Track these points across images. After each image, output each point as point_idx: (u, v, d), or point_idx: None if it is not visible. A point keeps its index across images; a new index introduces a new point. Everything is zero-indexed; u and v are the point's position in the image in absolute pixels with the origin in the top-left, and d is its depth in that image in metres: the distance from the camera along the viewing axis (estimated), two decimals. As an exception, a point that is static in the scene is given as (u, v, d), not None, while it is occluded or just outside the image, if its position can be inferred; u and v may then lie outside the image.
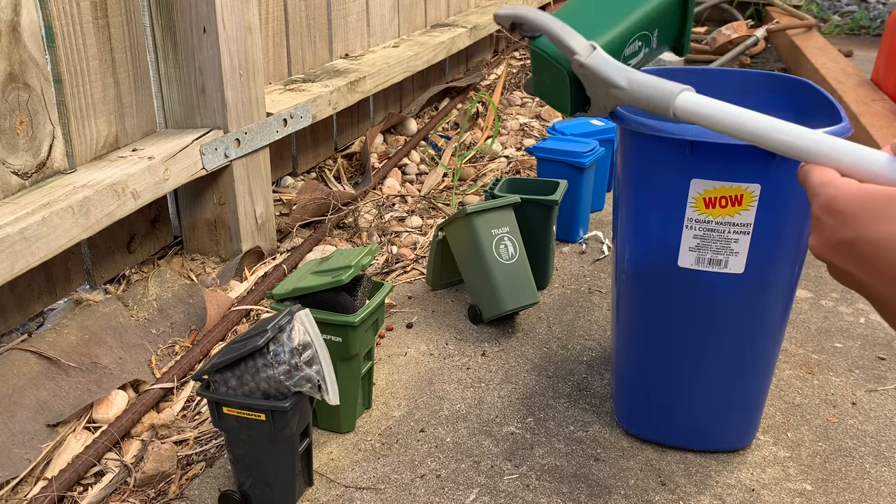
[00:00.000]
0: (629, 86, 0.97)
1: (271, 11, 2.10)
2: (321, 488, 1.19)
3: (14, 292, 1.46)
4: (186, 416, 1.36)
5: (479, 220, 1.64)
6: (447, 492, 1.19)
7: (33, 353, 1.31)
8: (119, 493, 1.18)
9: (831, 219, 0.56)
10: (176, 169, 1.57)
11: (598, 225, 2.18)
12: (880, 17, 5.53)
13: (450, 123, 3.04)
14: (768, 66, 4.21)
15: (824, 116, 1.19)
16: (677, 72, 1.43)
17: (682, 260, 1.15)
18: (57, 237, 1.30)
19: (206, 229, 1.82)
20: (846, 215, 0.55)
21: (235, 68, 1.71)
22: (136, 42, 1.61)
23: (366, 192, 2.28)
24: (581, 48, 1.01)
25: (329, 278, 1.22)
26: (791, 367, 1.52)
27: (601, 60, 1.00)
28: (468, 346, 1.58)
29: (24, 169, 1.37)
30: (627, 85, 0.97)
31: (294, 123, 1.95)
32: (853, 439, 1.31)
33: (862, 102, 2.89)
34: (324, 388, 1.05)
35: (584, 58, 1.01)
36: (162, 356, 1.48)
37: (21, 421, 1.23)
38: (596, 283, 1.84)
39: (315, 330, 1.07)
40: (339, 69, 2.36)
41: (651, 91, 0.92)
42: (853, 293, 1.81)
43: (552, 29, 1.05)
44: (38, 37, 1.36)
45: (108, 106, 1.56)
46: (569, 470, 1.24)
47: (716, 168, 1.08)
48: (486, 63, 3.97)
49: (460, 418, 1.36)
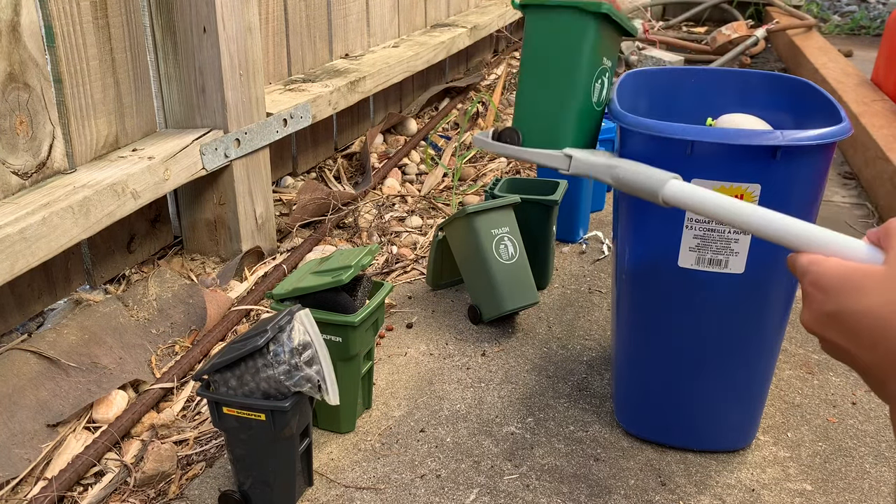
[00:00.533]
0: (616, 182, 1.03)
1: (271, 11, 2.10)
2: (321, 488, 1.19)
3: (14, 292, 1.46)
4: (186, 416, 1.36)
5: (479, 220, 1.64)
6: (447, 492, 1.19)
7: (33, 353, 1.31)
8: (119, 493, 1.18)
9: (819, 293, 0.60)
10: (176, 169, 1.57)
11: (598, 225, 2.18)
12: (880, 17, 5.53)
13: (450, 123, 3.04)
14: (768, 66, 4.21)
15: (824, 117, 1.19)
16: (677, 72, 1.43)
17: (682, 260, 1.15)
18: (57, 237, 1.30)
19: (206, 229, 1.82)
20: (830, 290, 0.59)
21: (235, 68, 1.71)
22: (136, 42, 1.61)
23: (366, 192, 2.28)
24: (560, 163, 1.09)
25: (329, 278, 1.22)
26: (791, 367, 1.52)
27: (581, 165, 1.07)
28: (468, 346, 1.58)
29: (24, 169, 1.37)
30: (614, 182, 1.04)
31: (294, 123, 1.95)
32: (853, 439, 1.31)
33: (862, 102, 2.89)
34: (324, 388, 1.05)
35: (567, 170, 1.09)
36: (162, 356, 1.48)
37: (21, 421, 1.23)
38: (596, 283, 1.84)
39: (315, 330, 1.07)
40: (339, 69, 2.36)
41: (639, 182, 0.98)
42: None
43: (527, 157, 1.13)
44: (38, 37, 1.36)
45: (108, 106, 1.56)
46: (569, 470, 1.24)
47: (716, 168, 1.08)
48: (486, 63, 3.97)
49: (460, 418, 1.36)
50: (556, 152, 1.08)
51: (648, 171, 0.98)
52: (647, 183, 0.97)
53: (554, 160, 1.08)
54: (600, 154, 1.07)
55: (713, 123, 1.36)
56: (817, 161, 1.07)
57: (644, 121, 1.09)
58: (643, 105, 1.41)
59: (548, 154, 1.08)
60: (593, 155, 1.06)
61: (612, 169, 1.03)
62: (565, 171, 1.08)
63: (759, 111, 1.38)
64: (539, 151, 1.10)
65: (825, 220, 2.24)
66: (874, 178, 2.39)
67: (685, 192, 0.91)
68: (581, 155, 1.07)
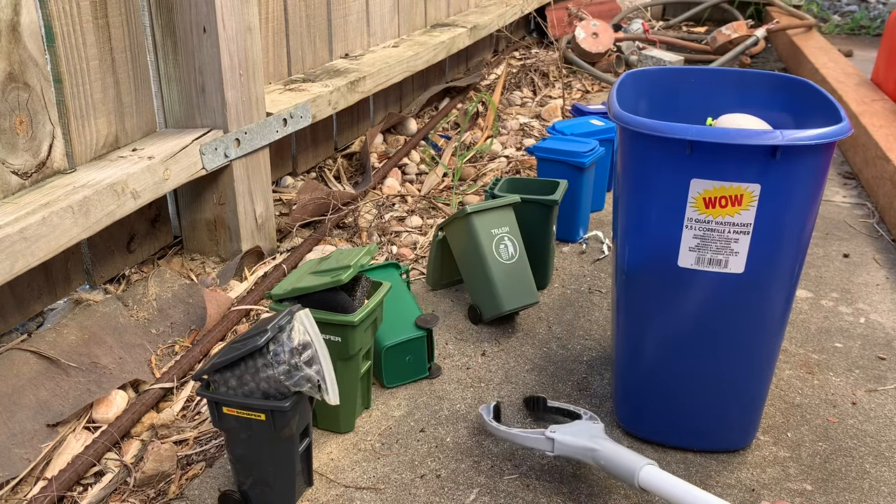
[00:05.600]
0: (596, 464, 1.13)
1: (271, 11, 2.10)
2: (321, 488, 1.19)
3: (14, 292, 1.46)
4: (186, 416, 1.36)
5: (479, 220, 1.64)
6: (447, 492, 1.19)
7: (33, 353, 1.31)
8: (119, 493, 1.18)
9: None
10: (176, 169, 1.57)
11: (598, 225, 2.18)
12: (880, 17, 5.53)
13: (450, 123, 3.04)
14: (768, 66, 4.21)
15: (824, 116, 1.20)
16: (677, 72, 1.43)
17: (682, 260, 1.14)
18: (57, 237, 1.30)
19: (205, 229, 1.82)
20: None
21: (235, 68, 1.71)
22: (136, 42, 1.61)
23: (366, 192, 2.28)
24: (545, 446, 1.18)
25: (328, 278, 1.22)
26: (791, 367, 1.52)
27: (564, 448, 1.16)
28: (468, 346, 1.58)
29: (23, 169, 1.37)
30: (595, 463, 1.13)
31: (294, 123, 1.95)
32: (853, 439, 1.31)
33: (862, 102, 2.89)
34: (324, 388, 1.05)
35: (552, 452, 1.17)
36: (162, 356, 1.48)
37: (21, 421, 1.23)
38: (596, 283, 1.84)
39: (315, 330, 1.07)
40: (339, 69, 2.36)
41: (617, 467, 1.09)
42: (853, 293, 1.81)
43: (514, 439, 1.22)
44: (37, 36, 1.36)
45: (107, 106, 1.56)
46: (569, 470, 1.24)
47: (716, 168, 1.08)
48: (486, 63, 3.97)
49: (460, 418, 1.36)
50: (539, 436, 1.18)
51: (625, 455, 1.09)
52: (624, 467, 1.08)
53: (538, 443, 1.19)
54: (583, 436, 1.17)
55: (713, 123, 1.36)
56: (817, 161, 1.07)
57: (644, 121, 1.09)
58: (643, 105, 1.41)
59: (533, 438, 1.19)
60: (575, 437, 1.16)
61: (592, 452, 1.14)
62: (550, 453, 1.17)
63: (759, 111, 1.38)
64: (523, 434, 1.20)
65: (825, 219, 2.24)
66: (874, 177, 2.39)
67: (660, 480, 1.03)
68: (563, 438, 1.17)
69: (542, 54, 4.22)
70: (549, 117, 3.12)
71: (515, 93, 3.45)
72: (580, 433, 1.17)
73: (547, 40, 4.63)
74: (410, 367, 1.44)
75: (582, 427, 1.19)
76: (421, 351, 1.44)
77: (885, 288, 1.84)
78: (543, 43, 4.62)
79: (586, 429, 1.18)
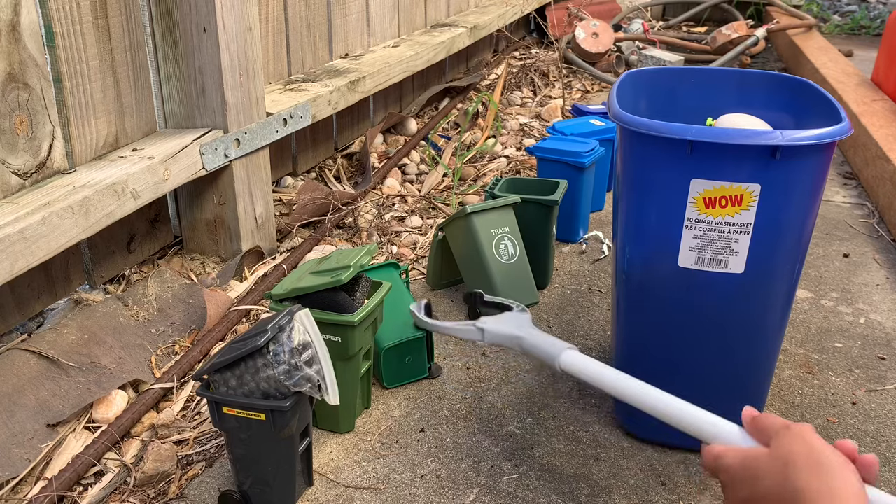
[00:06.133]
0: (522, 350, 1.16)
1: (271, 11, 2.10)
2: (321, 488, 1.19)
3: (14, 292, 1.46)
4: (186, 416, 1.36)
5: (479, 220, 1.64)
6: (447, 492, 1.19)
7: (33, 353, 1.31)
8: (119, 493, 1.18)
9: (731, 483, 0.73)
10: (176, 169, 1.57)
11: (598, 225, 2.18)
12: (880, 17, 5.53)
13: (450, 123, 3.04)
14: (768, 66, 4.21)
15: (824, 116, 1.19)
16: (677, 72, 1.43)
17: (682, 260, 1.14)
18: (57, 237, 1.30)
19: (205, 229, 1.82)
20: (737, 480, 0.72)
21: (235, 68, 1.71)
22: (136, 42, 1.61)
23: (366, 192, 2.28)
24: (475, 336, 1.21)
25: (328, 278, 1.22)
26: (791, 367, 1.52)
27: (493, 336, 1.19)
28: (468, 346, 1.58)
29: (23, 169, 1.37)
30: (520, 349, 1.16)
31: (294, 123, 1.95)
32: (853, 439, 1.31)
33: (862, 102, 2.89)
34: (324, 388, 1.05)
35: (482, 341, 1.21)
36: (162, 356, 1.48)
37: (21, 421, 1.23)
38: (596, 283, 1.84)
39: (315, 330, 1.07)
40: (339, 69, 2.36)
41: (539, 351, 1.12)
42: (853, 293, 1.81)
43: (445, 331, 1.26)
44: (37, 37, 1.36)
45: (107, 106, 1.56)
46: (569, 470, 1.23)
47: (716, 168, 1.08)
48: (486, 63, 3.97)
49: (460, 418, 1.36)
50: (470, 326, 1.21)
51: (547, 342, 1.12)
52: (546, 352, 1.11)
53: (469, 333, 1.21)
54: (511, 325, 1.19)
55: (713, 123, 1.36)
56: (817, 161, 1.07)
57: (644, 121, 1.09)
58: (643, 105, 1.41)
59: (464, 329, 1.22)
60: (504, 327, 1.19)
61: (518, 339, 1.16)
62: (481, 342, 1.21)
63: (759, 111, 1.38)
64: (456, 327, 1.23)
65: (825, 219, 2.24)
66: (874, 177, 2.39)
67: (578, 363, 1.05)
68: (492, 327, 1.19)
69: (542, 54, 4.22)
70: (549, 117, 3.12)
71: (515, 93, 3.45)
72: (508, 322, 1.19)
73: (547, 40, 4.63)
74: (410, 368, 1.44)
75: (511, 317, 1.22)
76: (421, 351, 1.44)
77: (885, 288, 1.84)
78: (543, 43, 4.62)
79: (514, 319, 1.21)
